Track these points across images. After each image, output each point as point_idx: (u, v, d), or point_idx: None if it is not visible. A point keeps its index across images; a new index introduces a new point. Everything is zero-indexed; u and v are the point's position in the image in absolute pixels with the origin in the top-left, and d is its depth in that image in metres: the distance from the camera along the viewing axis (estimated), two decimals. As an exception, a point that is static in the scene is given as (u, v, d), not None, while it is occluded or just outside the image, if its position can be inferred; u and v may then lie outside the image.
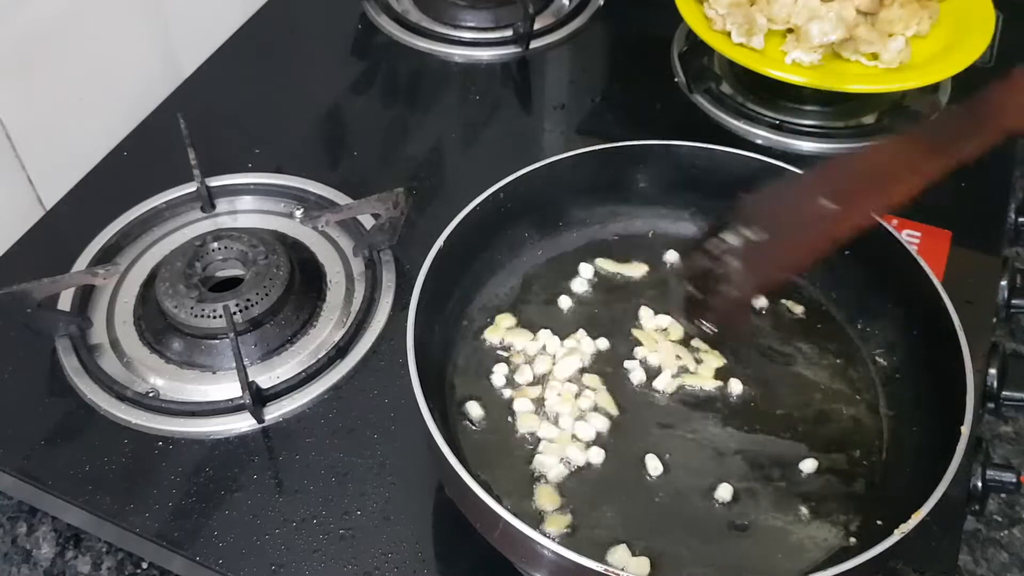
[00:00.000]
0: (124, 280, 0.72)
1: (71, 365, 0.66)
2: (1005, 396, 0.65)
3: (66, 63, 0.80)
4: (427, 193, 0.79)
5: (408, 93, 0.90)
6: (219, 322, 0.66)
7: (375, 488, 0.60)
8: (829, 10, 0.79)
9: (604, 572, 0.44)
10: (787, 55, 0.79)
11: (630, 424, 0.59)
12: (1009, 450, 0.70)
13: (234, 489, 0.60)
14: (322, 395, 0.65)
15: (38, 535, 0.64)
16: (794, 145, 0.83)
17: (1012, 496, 0.67)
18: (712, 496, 0.56)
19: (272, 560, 0.57)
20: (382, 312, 0.70)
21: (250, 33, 0.96)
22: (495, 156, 0.83)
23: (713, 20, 0.82)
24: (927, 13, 0.81)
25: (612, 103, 0.89)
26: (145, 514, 0.59)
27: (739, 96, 0.88)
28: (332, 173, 0.80)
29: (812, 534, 0.54)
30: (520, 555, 0.50)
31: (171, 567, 0.61)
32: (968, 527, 0.65)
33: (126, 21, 0.86)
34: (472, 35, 0.95)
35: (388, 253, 0.73)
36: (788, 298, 0.66)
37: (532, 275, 0.67)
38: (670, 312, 0.64)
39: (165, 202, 0.77)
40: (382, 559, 0.57)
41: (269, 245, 0.70)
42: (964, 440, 0.50)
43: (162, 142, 0.81)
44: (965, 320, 0.55)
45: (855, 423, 0.59)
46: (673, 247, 0.69)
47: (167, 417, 0.63)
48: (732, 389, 0.61)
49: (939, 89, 0.87)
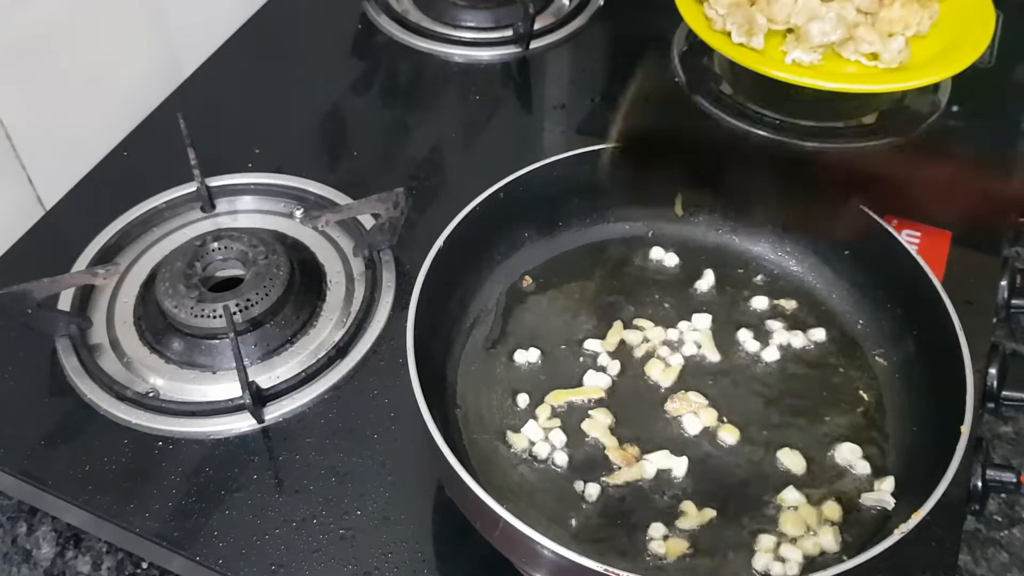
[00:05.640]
0: (124, 280, 0.72)
1: (71, 365, 0.66)
2: (1005, 396, 0.65)
3: (66, 63, 0.80)
4: (427, 193, 0.79)
5: (408, 93, 0.90)
6: (219, 322, 0.66)
7: (375, 488, 0.60)
8: (829, 10, 0.79)
9: (604, 572, 0.44)
10: (787, 55, 0.79)
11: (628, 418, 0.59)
12: (1009, 450, 0.70)
13: (234, 489, 0.60)
14: (322, 395, 0.65)
15: (38, 535, 0.64)
16: (794, 145, 0.83)
17: (1012, 496, 0.67)
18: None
19: (272, 560, 0.57)
20: (382, 312, 0.70)
21: (250, 33, 0.96)
22: (495, 156, 0.83)
23: (713, 20, 0.82)
24: (927, 13, 0.81)
25: (612, 103, 0.89)
26: (145, 514, 0.59)
27: (739, 96, 0.88)
28: (332, 173, 0.80)
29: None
30: (520, 555, 0.50)
31: (171, 567, 0.61)
32: (968, 527, 0.65)
33: (126, 21, 0.86)
34: (472, 35, 0.95)
35: (388, 253, 0.73)
36: (786, 297, 0.66)
37: (532, 275, 0.67)
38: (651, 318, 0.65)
39: (165, 202, 0.77)
40: (382, 559, 0.57)
41: (269, 245, 0.70)
42: (964, 440, 0.50)
43: (162, 142, 0.81)
44: (965, 320, 0.55)
45: (854, 423, 0.59)
46: (673, 247, 0.69)
47: (167, 417, 0.63)
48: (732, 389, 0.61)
49: (939, 89, 0.87)
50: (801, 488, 0.56)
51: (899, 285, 0.61)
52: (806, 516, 0.54)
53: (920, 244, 0.73)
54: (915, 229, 0.74)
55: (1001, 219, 0.51)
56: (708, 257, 0.68)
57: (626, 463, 0.57)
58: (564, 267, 0.68)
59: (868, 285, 0.64)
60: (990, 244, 0.74)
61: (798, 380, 0.62)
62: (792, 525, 0.54)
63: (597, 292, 0.67)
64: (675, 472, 0.57)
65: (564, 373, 0.62)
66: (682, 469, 0.57)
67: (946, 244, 0.73)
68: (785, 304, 0.66)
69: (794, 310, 0.65)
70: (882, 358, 0.62)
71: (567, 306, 0.66)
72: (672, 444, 0.58)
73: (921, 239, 0.74)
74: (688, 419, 0.59)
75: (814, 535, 0.54)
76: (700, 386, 0.61)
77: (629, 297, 0.66)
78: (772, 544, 0.53)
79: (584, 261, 0.68)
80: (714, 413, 0.59)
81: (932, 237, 0.74)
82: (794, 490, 0.55)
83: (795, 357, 0.63)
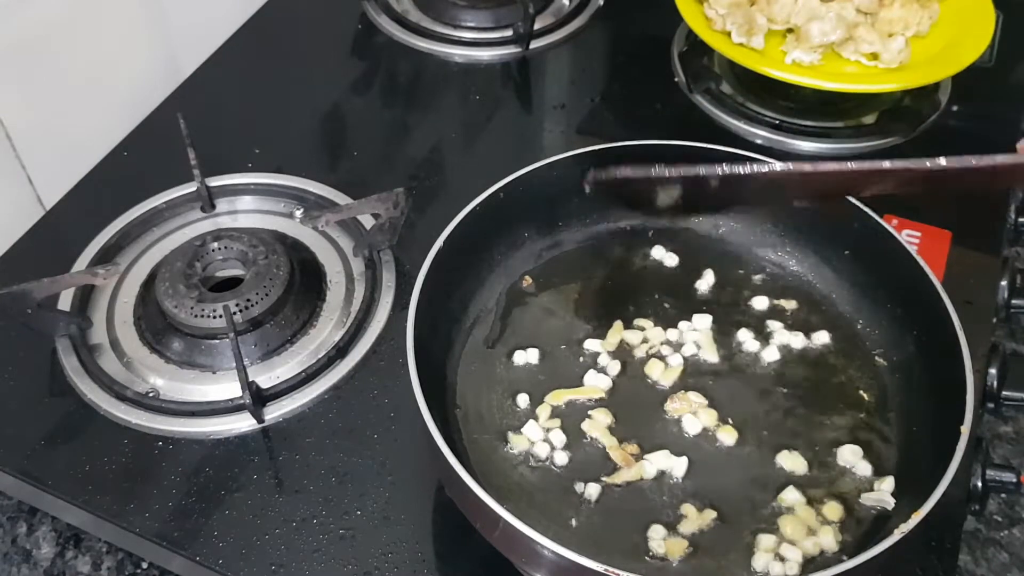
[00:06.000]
0: (124, 280, 0.72)
1: (71, 365, 0.66)
2: (1005, 396, 0.65)
3: (66, 63, 0.80)
4: (427, 193, 0.79)
5: (408, 93, 0.90)
6: (219, 322, 0.66)
7: (375, 488, 0.60)
8: (829, 10, 0.79)
9: (604, 572, 0.44)
10: (787, 55, 0.80)
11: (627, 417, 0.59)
12: (1009, 450, 0.70)
13: (234, 489, 0.60)
14: (322, 395, 0.65)
15: (38, 535, 0.64)
16: (794, 145, 0.83)
17: (1012, 496, 0.67)
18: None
19: (272, 560, 0.57)
20: (382, 312, 0.70)
21: (250, 33, 0.96)
22: (495, 156, 0.83)
23: (713, 20, 0.82)
24: (927, 13, 0.82)
25: (612, 103, 0.89)
26: (145, 514, 0.59)
27: (739, 96, 0.88)
28: (332, 173, 0.80)
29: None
30: (520, 555, 0.50)
31: (171, 567, 0.61)
32: (968, 527, 0.66)
33: (126, 21, 0.86)
34: (472, 35, 0.95)
35: (388, 253, 0.73)
36: (786, 297, 0.66)
37: (532, 275, 0.67)
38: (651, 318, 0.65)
39: (165, 202, 0.77)
40: (382, 559, 0.57)
41: (269, 245, 0.70)
42: (964, 440, 0.50)
43: (162, 142, 0.81)
44: (965, 320, 0.55)
45: (855, 423, 0.59)
46: (673, 247, 0.69)
47: (167, 417, 0.63)
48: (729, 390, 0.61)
49: (939, 89, 0.87)
50: (801, 488, 0.56)
51: (899, 285, 0.61)
52: (806, 516, 0.54)
53: (920, 244, 0.73)
54: (915, 229, 0.74)
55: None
56: (708, 257, 0.68)
57: (626, 463, 0.57)
58: (564, 267, 0.68)
59: (868, 285, 0.64)
60: (990, 244, 0.74)
61: (798, 380, 0.62)
62: (792, 525, 0.54)
63: (597, 292, 0.67)
64: (675, 472, 0.57)
65: (564, 373, 0.62)
66: (682, 469, 0.57)
67: (946, 244, 0.73)
68: (785, 304, 0.65)
69: (794, 310, 0.65)
70: (882, 358, 0.62)
71: (567, 306, 0.66)
72: (672, 444, 0.58)
73: (921, 239, 0.74)
74: (688, 419, 0.59)
75: (814, 535, 0.54)
76: (700, 386, 0.61)
77: (629, 297, 0.66)
78: (772, 544, 0.53)
79: (584, 261, 0.68)
80: (714, 414, 0.59)
81: (932, 237, 0.74)
82: (794, 490, 0.55)
83: (795, 357, 0.63)
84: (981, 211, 0.77)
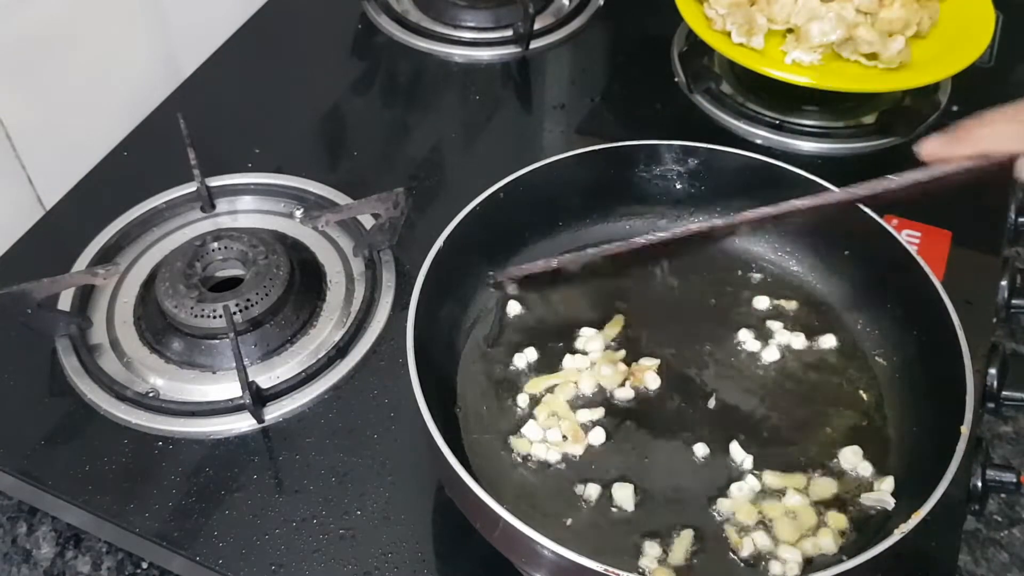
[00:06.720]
0: (124, 280, 0.72)
1: (71, 365, 0.66)
2: (1005, 396, 0.65)
3: (66, 63, 0.80)
4: (427, 193, 0.79)
5: (408, 93, 0.90)
6: (219, 322, 0.66)
7: (375, 488, 0.60)
8: (829, 10, 0.79)
9: (604, 572, 0.44)
10: (787, 55, 0.80)
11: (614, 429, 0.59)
12: (1009, 450, 0.70)
13: (234, 489, 0.60)
14: (322, 395, 0.65)
15: (38, 535, 0.64)
16: (794, 145, 0.83)
17: (1012, 496, 0.67)
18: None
19: (272, 560, 0.57)
20: (382, 312, 0.70)
21: (250, 33, 0.96)
22: (495, 156, 0.83)
23: (713, 20, 0.82)
24: (927, 13, 0.81)
25: (612, 103, 0.89)
26: (145, 514, 0.59)
27: (739, 96, 0.88)
28: (332, 173, 0.80)
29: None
30: (520, 555, 0.50)
31: (171, 567, 0.61)
32: (968, 527, 0.66)
33: (126, 21, 0.86)
34: (472, 35, 0.95)
35: (388, 253, 0.73)
36: (786, 297, 0.66)
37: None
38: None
39: (165, 202, 0.77)
40: (382, 559, 0.57)
41: (269, 245, 0.70)
42: (964, 440, 0.50)
43: (162, 142, 0.81)
44: (965, 320, 0.55)
45: (855, 423, 0.59)
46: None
47: (167, 417, 0.63)
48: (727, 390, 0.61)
49: (939, 89, 0.87)
50: (801, 489, 0.56)
51: (899, 285, 0.61)
52: (806, 517, 0.54)
53: (920, 244, 0.73)
54: (915, 229, 0.74)
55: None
56: (708, 257, 0.68)
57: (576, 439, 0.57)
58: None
59: (868, 285, 0.64)
60: (990, 244, 0.74)
61: (798, 380, 0.62)
62: (792, 526, 0.54)
63: (597, 292, 0.67)
64: (675, 472, 0.57)
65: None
66: (682, 469, 0.57)
67: (946, 244, 0.73)
68: (785, 304, 0.65)
69: (794, 310, 0.65)
70: (882, 358, 0.62)
71: (567, 306, 0.66)
72: (673, 445, 0.58)
73: (921, 239, 0.74)
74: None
75: (813, 536, 0.54)
76: (700, 386, 0.61)
77: (629, 297, 0.66)
78: (772, 545, 0.53)
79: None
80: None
81: (932, 237, 0.74)
82: (794, 491, 0.55)
83: (795, 357, 0.63)
84: (981, 211, 0.77)
